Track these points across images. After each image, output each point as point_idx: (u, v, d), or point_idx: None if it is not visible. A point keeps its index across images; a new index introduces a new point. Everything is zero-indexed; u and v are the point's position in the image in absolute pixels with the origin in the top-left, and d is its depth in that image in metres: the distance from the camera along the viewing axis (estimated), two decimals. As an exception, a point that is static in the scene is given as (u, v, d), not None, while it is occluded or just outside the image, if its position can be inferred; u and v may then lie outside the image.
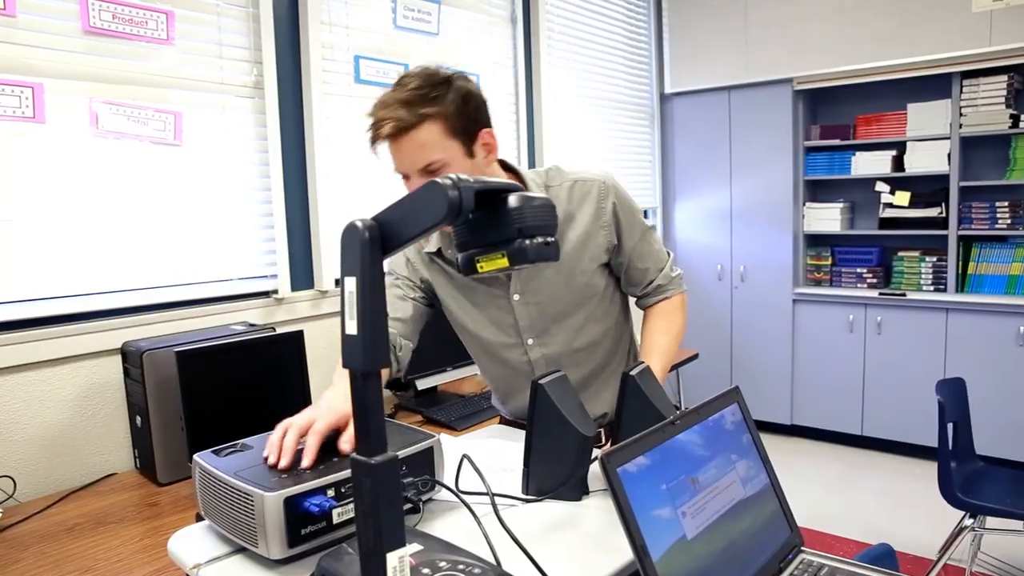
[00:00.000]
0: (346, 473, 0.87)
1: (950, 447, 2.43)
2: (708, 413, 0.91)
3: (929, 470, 3.38)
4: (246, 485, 0.84)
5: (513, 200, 0.72)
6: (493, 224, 0.72)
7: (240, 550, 0.90)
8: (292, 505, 0.83)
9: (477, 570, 0.74)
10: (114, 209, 1.97)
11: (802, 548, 0.93)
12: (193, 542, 0.94)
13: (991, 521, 2.43)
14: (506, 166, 1.38)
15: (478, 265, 0.74)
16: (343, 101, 2.56)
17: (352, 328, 0.64)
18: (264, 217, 2.33)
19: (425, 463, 0.96)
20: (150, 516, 1.62)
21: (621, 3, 4.11)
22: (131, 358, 1.81)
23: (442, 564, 0.76)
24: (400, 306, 1.42)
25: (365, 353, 0.63)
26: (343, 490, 0.87)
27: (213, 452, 0.98)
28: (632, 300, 1.54)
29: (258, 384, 1.78)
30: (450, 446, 1.21)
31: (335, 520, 0.87)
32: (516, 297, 1.39)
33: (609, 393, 1.47)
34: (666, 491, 0.80)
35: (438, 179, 0.65)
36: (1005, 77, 3.46)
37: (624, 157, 4.23)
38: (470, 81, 1.28)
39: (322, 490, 0.85)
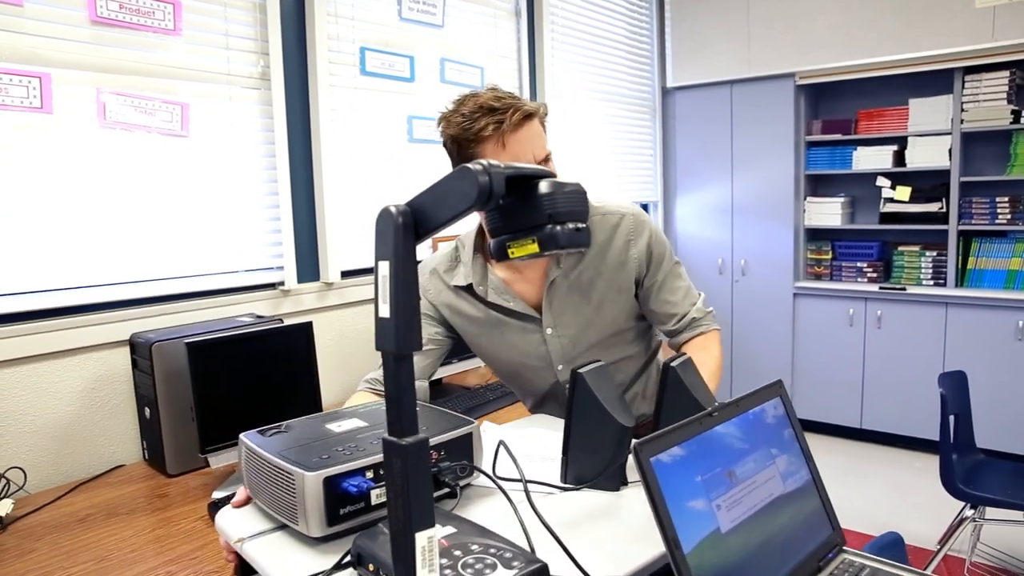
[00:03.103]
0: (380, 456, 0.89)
1: (951, 439, 2.45)
2: (748, 406, 0.89)
3: (928, 463, 3.41)
4: (288, 464, 0.86)
5: (544, 186, 0.72)
6: (524, 210, 0.72)
7: (282, 527, 0.92)
8: (331, 485, 0.84)
9: (508, 554, 0.75)
10: (121, 200, 1.97)
11: (844, 548, 0.92)
12: (239, 517, 0.96)
13: (991, 512, 2.46)
14: None
15: (509, 251, 0.75)
16: (349, 93, 2.55)
17: (385, 311, 0.65)
18: (270, 209, 2.33)
19: (464, 448, 0.96)
20: (160, 507, 1.62)
21: (623, -4, 4.11)
22: (140, 349, 1.81)
23: (474, 547, 0.76)
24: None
25: (397, 336, 0.64)
26: (381, 472, 0.88)
27: (258, 432, 1.00)
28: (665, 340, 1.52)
29: (268, 375, 1.78)
30: (490, 433, 1.22)
31: (373, 501, 0.88)
32: (549, 331, 1.39)
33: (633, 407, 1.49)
34: (701, 483, 0.79)
35: (469, 164, 0.66)
36: (1007, 73, 3.47)
37: (625, 151, 4.23)
38: None
39: (361, 471, 0.87)
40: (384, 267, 0.65)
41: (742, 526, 0.80)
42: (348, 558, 0.80)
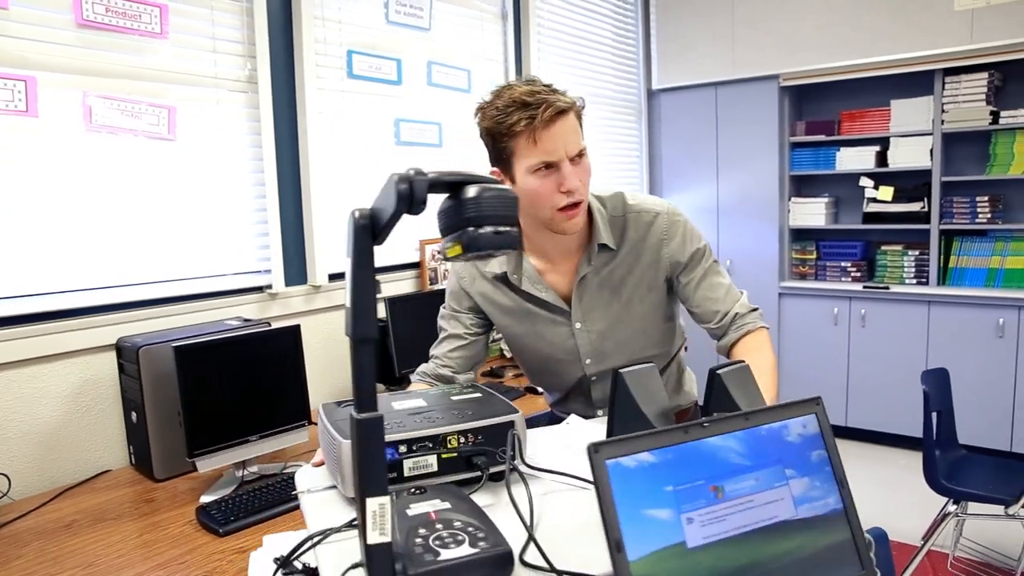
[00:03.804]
0: (418, 432, 0.96)
1: (934, 436, 2.48)
2: (763, 420, 0.84)
3: (911, 459, 3.45)
4: (335, 432, 0.94)
5: (468, 191, 0.77)
6: (454, 213, 0.77)
7: (333, 487, 1.00)
8: None
9: (481, 534, 0.78)
10: (107, 204, 1.96)
11: None
12: (311, 476, 1.05)
13: (973, 507, 2.50)
14: None
15: (445, 252, 0.78)
16: (336, 96, 2.55)
17: (348, 302, 0.73)
18: (258, 212, 2.33)
19: (504, 436, 1.00)
20: (148, 512, 1.62)
21: (610, 0, 4.14)
22: (126, 354, 1.80)
23: (456, 523, 0.80)
24: (456, 341, 1.49)
25: (355, 324, 0.74)
26: (414, 447, 0.96)
27: (336, 403, 1.09)
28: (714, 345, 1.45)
29: (256, 379, 1.78)
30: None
31: (406, 472, 0.95)
32: (578, 325, 1.40)
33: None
34: (671, 493, 0.77)
35: (398, 172, 0.72)
36: (986, 74, 3.53)
37: (612, 152, 4.26)
38: None
39: (394, 444, 0.95)
40: (348, 263, 0.73)
41: (720, 545, 0.76)
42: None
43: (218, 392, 1.71)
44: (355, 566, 0.79)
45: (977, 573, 2.65)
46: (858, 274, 4.03)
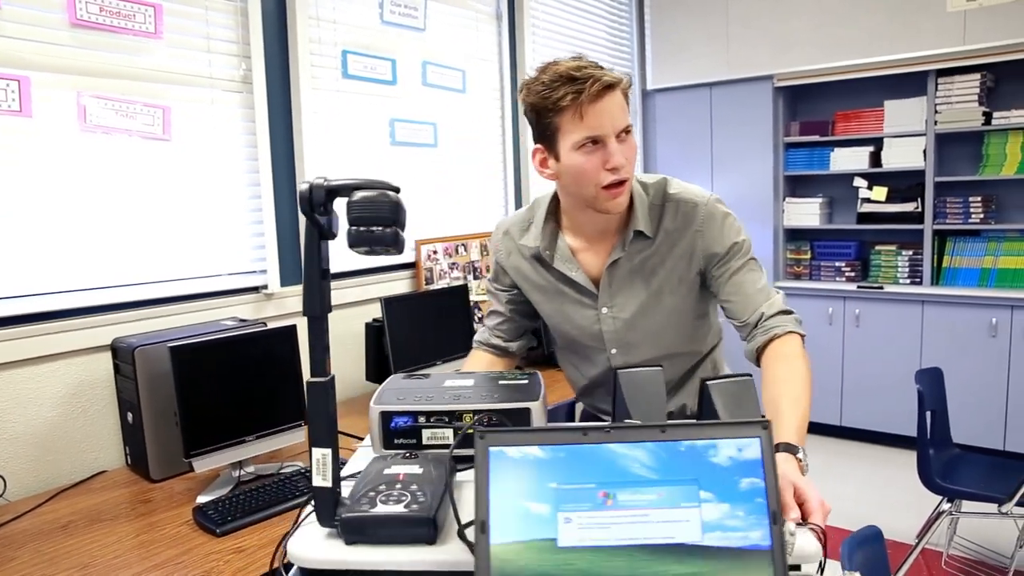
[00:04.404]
0: (438, 406, 1.05)
1: (928, 435, 2.50)
2: (684, 435, 0.78)
3: (906, 458, 3.47)
4: (375, 397, 1.08)
5: (353, 195, 0.90)
6: (347, 214, 0.91)
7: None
8: (386, 418, 1.06)
9: (421, 499, 0.88)
10: (102, 204, 1.96)
11: None
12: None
13: (967, 505, 2.51)
14: None
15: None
16: (331, 96, 2.55)
17: (302, 288, 0.92)
18: (253, 212, 2.32)
19: (522, 422, 1.05)
20: (144, 513, 1.62)
21: (604, 0, 4.14)
22: (122, 354, 1.80)
23: (412, 486, 0.90)
24: (499, 316, 1.52)
25: (304, 303, 0.92)
26: (431, 420, 1.05)
27: (405, 373, 1.23)
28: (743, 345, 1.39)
29: (252, 379, 1.78)
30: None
31: (424, 440, 1.05)
32: (604, 310, 1.38)
33: (680, 399, 1.47)
34: (553, 490, 0.76)
35: (305, 180, 0.85)
36: (978, 75, 3.55)
37: (607, 153, 4.26)
38: None
39: (412, 414, 1.05)
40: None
41: (597, 551, 0.74)
42: None
43: (214, 392, 1.70)
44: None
45: (971, 571, 2.67)
46: (852, 274, 4.05)
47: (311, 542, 0.91)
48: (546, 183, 1.34)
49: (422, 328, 2.47)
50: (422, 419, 1.05)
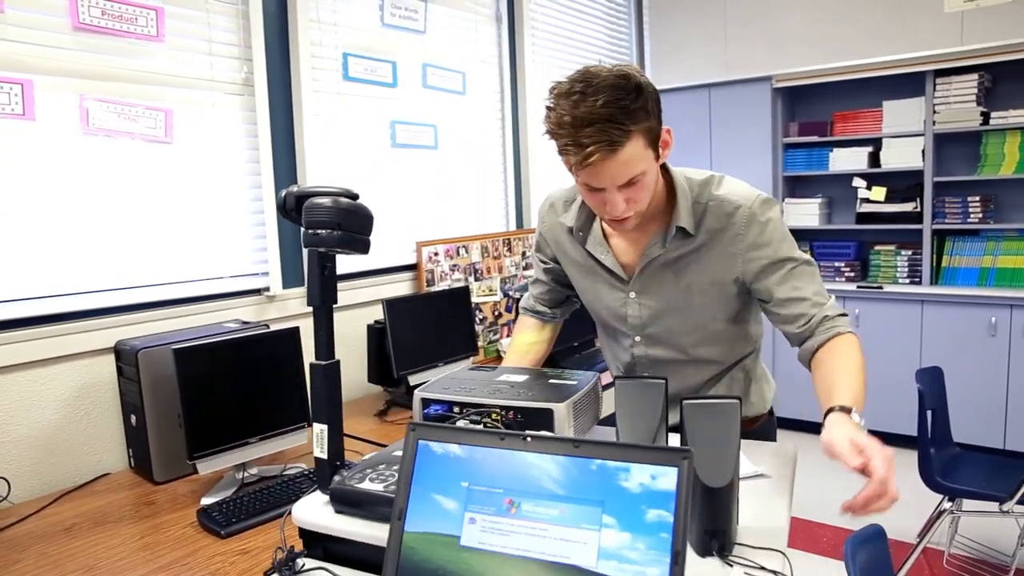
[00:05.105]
0: (467, 398, 1.13)
1: (929, 434, 2.50)
2: (597, 454, 0.74)
3: (906, 458, 3.45)
4: (426, 384, 1.21)
5: (307, 202, 1.05)
6: None
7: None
8: (424, 404, 1.17)
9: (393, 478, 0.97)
10: (104, 207, 1.96)
11: None
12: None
13: (968, 504, 2.52)
14: (662, 165, 1.28)
15: None
16: (332, 98, 2.56)
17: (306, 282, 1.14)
18: (255, 214, 2.33)
19: (545, 422, 1.07)
20: (148, 515, 1.62)
21: (603, 2, 4.15)
22: (125, 357, 1.80)
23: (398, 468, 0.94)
24: (542, 283, 1.56)
25: (308, 296, 1.11)
26: (463, 410, 1.13)
27: (474, 365, 1.37)
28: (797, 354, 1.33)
29: (255, 381, 1.78)
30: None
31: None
32: (632, 295, 1.37)
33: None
34: (464, 489, 0.77)
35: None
36: (976, 76, 3.56)
37: (607, 154, 4.27)
38: (643, 74, 1.15)
39: (445, 403, 1.15)
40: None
41: (495, 556, 0.73)
42: None
43: (218, 394, 1.71)
44: None
45: (972, 569, 2.67)
46: (852, 274, 4.06)
47: (311, 507, 1.07)
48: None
49: (424, 329, 2.47)
50: (456, 409, 1.12)
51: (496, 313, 3.14)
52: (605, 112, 1.06)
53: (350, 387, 2.54)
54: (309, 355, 2.09)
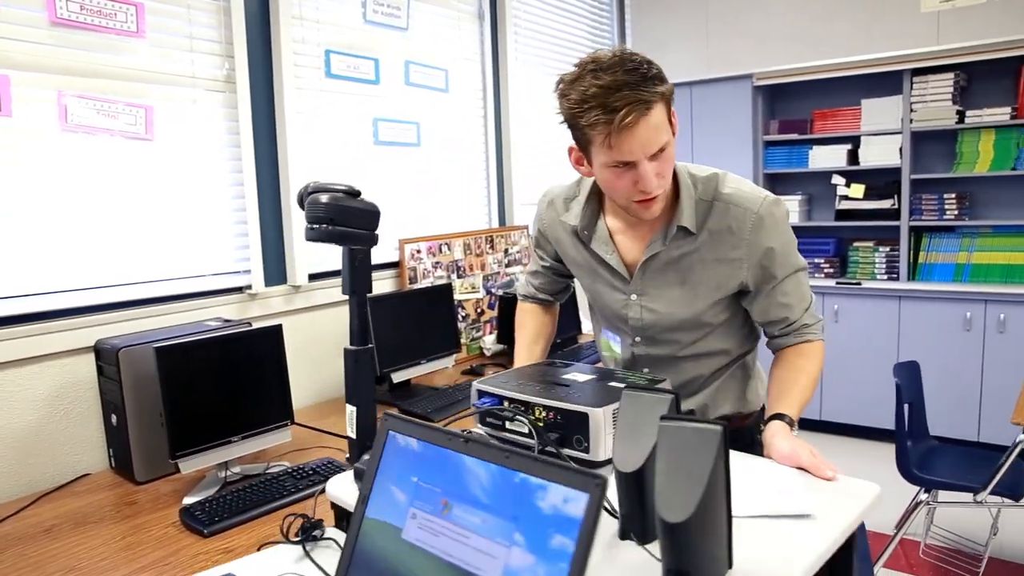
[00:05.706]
0: (515, 394, 1.14)
1: (906, 427, 2.55)
2: (523, 467, 0.71)
3: (884, 451, 3.53)
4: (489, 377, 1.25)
5: (310, 196, 1.13)
6: None
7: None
8: (480, 395, 1.21)
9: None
10: (84, 205, 1.94)
11: None
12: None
13: (943, 495, 2.57)
14: None
15: None
16: (314, 95, 2.55)
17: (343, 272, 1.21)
18: (236, 212, 2.31)
19: (580, 425, 1.07)
20: (130, 515, 1.60)
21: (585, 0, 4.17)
22: (106, 356, 1.79)
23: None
24: (541, 274, 1.61)
25: (343, 284, 1.21)
26: (510, 404, 1.16)
27: (549, 361, 1.42)
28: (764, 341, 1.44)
29: (238, 379, 1.77)
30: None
31: (507, 426, 1.15)
32: (633, 297, 1.37)
33: (701, 399, 1.45)
34: (414, 484, 0.78)
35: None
36: (952, 75, 3.62)
37: (590, 151, 4.28)
38: None
39: (497, 397, 1.17)
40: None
41: (426, 555, 0.73)
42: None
43: (200, 393, 1.70)
44: None
45: (947, 558, 2.73)
46: (831, 270, 4.11)
47: (342, 483, 1.15)
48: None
49: (406, 327, 2.47)
50: (507, 403, 1.14)
51: (479, 310, 3.15)
52: (630, 78, 1.10)
53: (334, 384, 2.54)
54: (291, 353, 2.10)
